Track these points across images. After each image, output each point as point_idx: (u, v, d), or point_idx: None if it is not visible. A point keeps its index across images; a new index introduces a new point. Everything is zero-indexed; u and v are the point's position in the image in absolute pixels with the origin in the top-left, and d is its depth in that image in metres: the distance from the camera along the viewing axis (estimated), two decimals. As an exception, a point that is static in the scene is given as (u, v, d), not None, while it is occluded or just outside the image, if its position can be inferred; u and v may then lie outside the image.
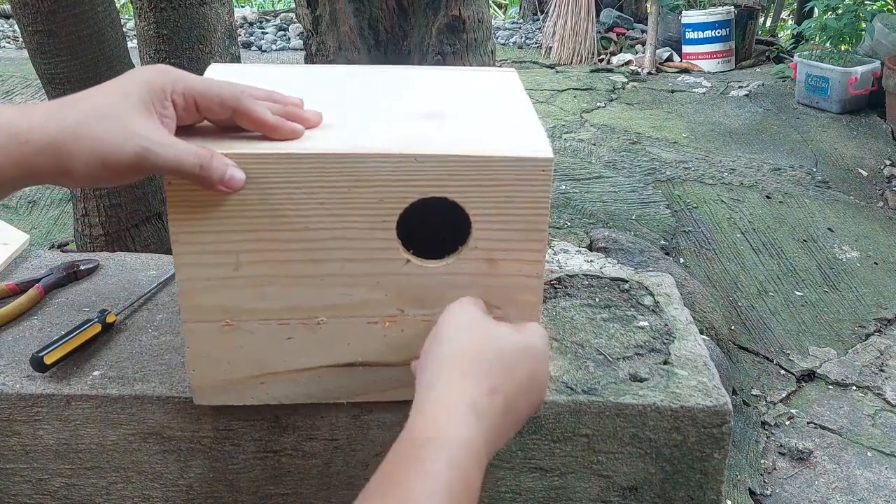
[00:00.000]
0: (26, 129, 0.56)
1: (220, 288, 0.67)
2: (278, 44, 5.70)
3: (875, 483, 2.05)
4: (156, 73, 0.61)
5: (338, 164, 0.63)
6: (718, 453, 0.76)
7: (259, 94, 0.65)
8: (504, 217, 0.66)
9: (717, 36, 5.14)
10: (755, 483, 2.04)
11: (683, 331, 0.85)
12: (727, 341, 2.52)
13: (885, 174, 3.71)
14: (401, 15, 2.13)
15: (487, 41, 2.21)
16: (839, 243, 3.14)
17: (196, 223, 0.64)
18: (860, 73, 4.22)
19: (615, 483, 0.78)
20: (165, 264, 0.97)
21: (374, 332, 0.70)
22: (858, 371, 2.46)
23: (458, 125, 0.68)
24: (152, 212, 2.21)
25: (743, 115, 4.38)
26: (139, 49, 2.16)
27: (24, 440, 0.77)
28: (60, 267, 0.92)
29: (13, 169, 0.57)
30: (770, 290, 2.85)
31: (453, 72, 0.83)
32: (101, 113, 0.58)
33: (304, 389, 0.72)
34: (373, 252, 0.66)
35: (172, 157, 0.59)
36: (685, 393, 0.76)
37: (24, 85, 4.49)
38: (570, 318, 0.87)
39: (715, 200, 3.40)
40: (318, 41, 2.18)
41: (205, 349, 0.69)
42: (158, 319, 0.85)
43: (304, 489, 0.79)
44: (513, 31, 6.09)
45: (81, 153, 0.57)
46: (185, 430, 0.76)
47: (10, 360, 0.79)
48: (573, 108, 4.45)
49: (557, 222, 3.03)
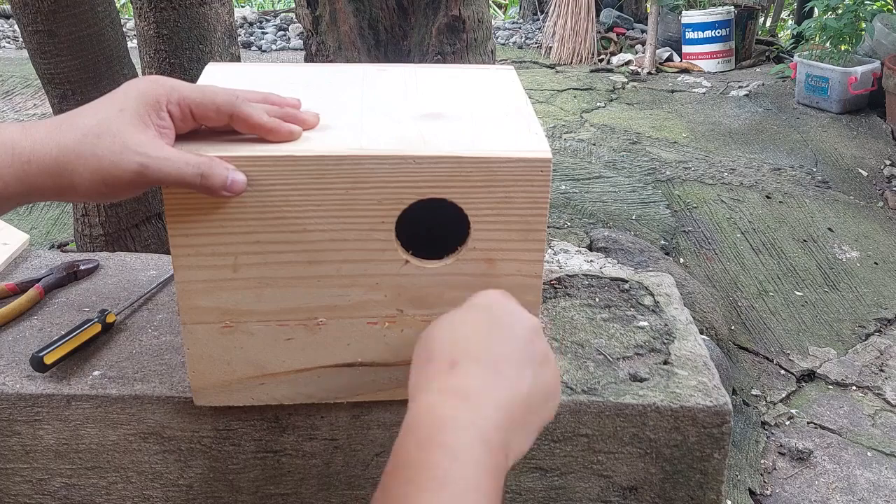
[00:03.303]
0: (29, 149, 0.57)
1: (218, 290, 0.67)
2: (278, 44, 5.69)
3: (875, 483, 2.05)
4: (150, 84, 0.61)
5: (336, 166, 0.63)
6: (718, 453, 0.76)
7: (255, 97, 0.65)
8: (503, 217, 0.66)
9: (717, 36, 5.14)
10: (755, 483, 2.04)
11: (683, 331, 0.85)
12: (727, 341, 2.52)
13: (885, 174, 3.71)
14: (401, 15, 2.13)
15: (487, 41, 2.21)
16: (839, 243, 3.14)
17: (194, 226, 0.64)
18: (860, 73, 4.22)
19: (615, 483, 0.78)
20: (165, 264, 0.97)
21: (373, 332, 0.70)
22: (858, 371, 2.46)
23: (456, 126, 0.68)
24: (152, 212, 2.21)
25: (743, 115, 4.38)
26: (139, 49, 2.16)
27: (24, 440, 0.77)
28: (60, 267, 0.92)
29: (17, 186, 0.58)
30: (770, 290, 2.85)
31: (451, 70, 0.83)
32: (98, 131, 0.58)
33: (303, 390, 0.72)
34: (372, 253, 0.66)
35: (172, 171, 0.59)
36: (685, 393, 0.76)
37: (24, 85, 4.49)
38: (570, 318, 0.87)
39: (715, 200, 3.40)
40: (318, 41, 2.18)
41: (204, 350, 0.69)
42: (158, 319, 0.86)
43: (304, 489, 0.79)
44: (513, 31, 6.09)
45: (83, 171, 0.58)
46: (185, 430, 0.76)
47: (10, 360, 0.79)
48: (573, 108, 4.45)
49: (557, 222, 3.03)
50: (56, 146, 0.58)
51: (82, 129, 0.58)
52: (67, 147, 0.58)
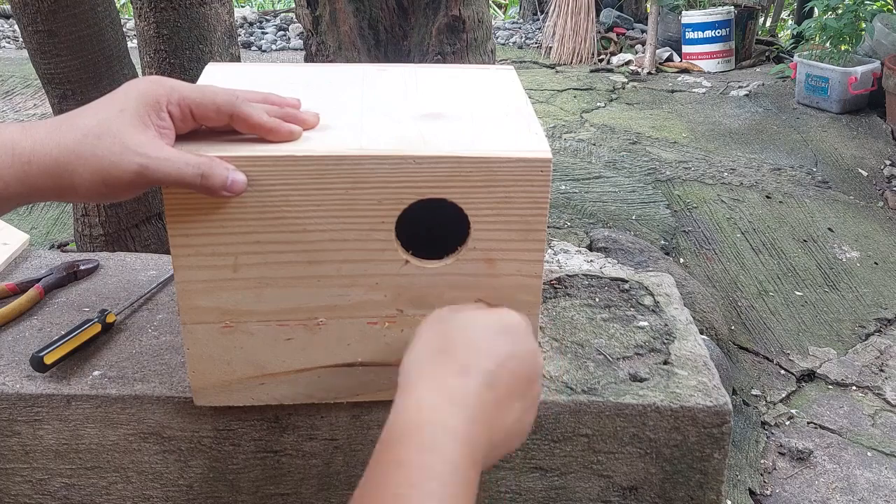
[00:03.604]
0: (29, 150, 0.58)
1: (218, 290, 0.67)
2: (278, 44, 5.69)
3: (875, 483, 2.05)
4: (150, 85, 0.61)
5: (336, 166, 0.63)
6: (718, 453, 0.76)
7: (255, 98, 0.65)
8: (503, 217, 0.66)
9: (717, 36, 5.14)
10: (755, 483, 2.04)
11: (683, 331, 0.85)
12: (727, 341, 2.52)
13: (885, 174, 3.71)
14: (401, 15, 2.13)
15: (487, 41, 2.21)
16: (839, 243, 3.14)
17: (194, 226, 0.64)
18: (860, 73, 4.22)
19: (615, 483, 0.78)
20: (165, 264, 0.97)
21: (373, 332, 0.70)
22: (858, 371, 2.46)
23: (456, 125, 0.68)
24: (152, 212, 2.21)
25: (743, 115, 4.38)
26: (139, 49, 2.16)
27: (24, 440, 0.77)
28: (60, 267, 0.92)
29: (17, 186, 0.58)
30: (770, 290, 2.85)
31: (451, 70, 0.83)
32: (99, 131, 0.58)
33: (303, 389, 0.72)
34: (371, 253, 0.66)
35: (172, 171, 0.59)
36: (685, 393, 0.76)
37: (24, 85, 4.49)
38: (570, 318, 0.87)
39: (715, 200, 3.40)
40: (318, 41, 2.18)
41: (204, 350, 0.69)
42: (158, 319, 0.86)
43: (304, 489, 0.79)
44: (513, 31, 6.09)
45: (83, 172, 0.58)
46: (185, 430, 0.76)
47: (10, 360, 0.79)
48: (573, 108, 4.45)
49: (557, 222, 3.03)
50: (56, 146, 0.58)
51: (82, 129, 0.58)
52: (67, 147, 0.58)
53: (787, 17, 6.52)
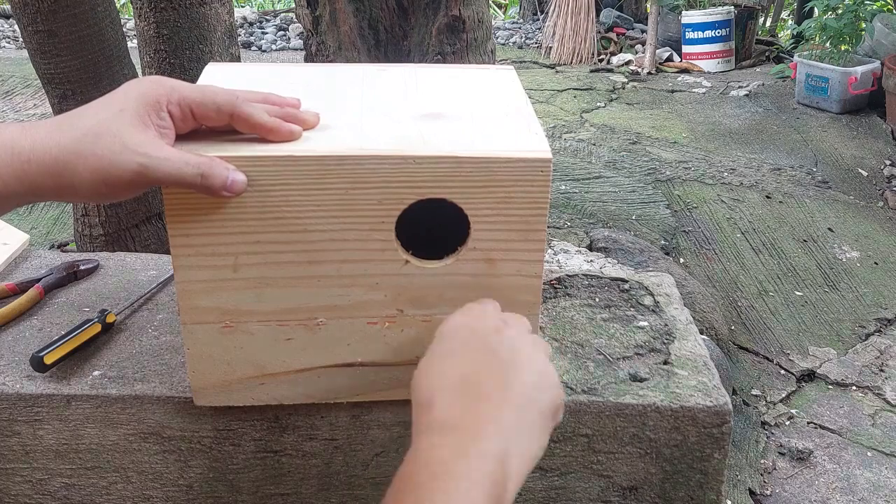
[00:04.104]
0: (29, 149, 0.58)
1: (218, 290, 0.67)
2: (278, 44, 5.70)
3: (875, 483, 2.05)
4: (150, 84, 0.61)
5: (336, 166, 0.63)
6: (718, 453, 0.76)
7: (255, 97, 0.65)
8: (503, 217, 0.66)
9: (717, 36, 5.14)
10: (755, 483, 2.04)
11: (683, 331, 0.85)
12: (727, 341, 2.52)
13: (885, 174, 3.71)
14: (401, 15, 2.13)
15: (487, 41, 2.21)
16: (839, 243, 3.14)
17: (194, 226, 0.64)
18: (860, 73, 4.22)
19: (615, 483, 0.78)
20: (165, 264, 0.97)
21: (373, 332, 0.70)
22: (858, 371, 2.46)
23: (456, 126, 0.68)
24: (152, 212, 2.22)
25: (743, 115, 4.38)
26: (139, 49, 2.16)
27: (24, 440, 0.77)
28: (60, 267, 0.92)
29: (17, 186, 0.58)
30: (770, 290, 2.85)
31: (451, 70, 0.83)
32: (99, 131, 0.58)
33: (303, 389, 0.72)
34: (371, 253, 0.66)
35: (172, 171, 0.59)
36: (685, 393, 0.76)
37: (25, 85, 4.49)
38: (570, 318, 0.87)
39: (715, 200, 3.40)
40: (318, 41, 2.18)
41: (204, 350, 0.69)
42: (158, 319, 0.86)
43: (304, 489, 0.79)
44: (513, 31, 6.09)
45: (83, 172, 0.58)
46: (185, 430, 0.76)
47: (10, 360, 0.79)
48: (573, 108, 4.45)
49: (557, 222, 3.03)
50: (56, 146, 0.58)
51: (82, 128, 0.58)
52: (67, 147, 0.58)
53: (787, 17, 6.53)
